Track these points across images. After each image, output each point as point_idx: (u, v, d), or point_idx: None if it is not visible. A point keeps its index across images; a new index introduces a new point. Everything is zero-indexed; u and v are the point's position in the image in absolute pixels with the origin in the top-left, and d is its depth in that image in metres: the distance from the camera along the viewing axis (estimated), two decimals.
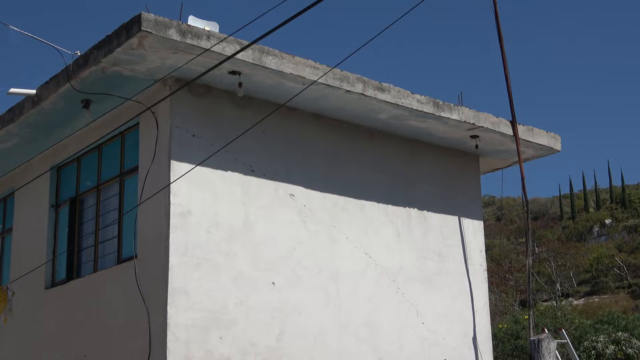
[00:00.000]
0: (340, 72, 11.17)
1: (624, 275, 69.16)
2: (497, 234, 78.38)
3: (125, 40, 9.84)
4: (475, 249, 13.67)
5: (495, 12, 13.13)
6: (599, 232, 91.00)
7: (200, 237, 10.58)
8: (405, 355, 12.14)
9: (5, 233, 14.46)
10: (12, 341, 13.27)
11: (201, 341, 10.29)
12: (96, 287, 11.67)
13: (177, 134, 10.67)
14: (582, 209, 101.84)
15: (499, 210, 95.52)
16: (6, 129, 12.37)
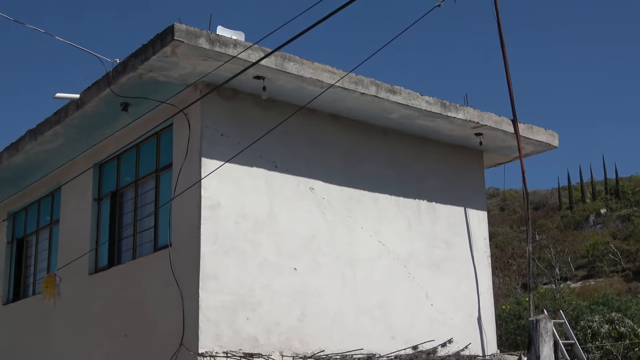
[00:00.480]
0: (355, 76, 11.15)
1: (618, 261, 68.82)
2: (501, 223, 78.07)
3: (159, 49, 9.89)
4: (479, 237, 13.63)
5: (497, 20, 13.06)
6: (594, 221, 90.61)
7: (229, 227, 10.62)
8: (415, 334, 12.12)
9: (53, 224, 14.54)
10: (60, 322, 13.34)
11: (230, 321, 10.33)
12: (135, 273, 11.74)
13: (207, 133, 10.71)
14: (579, 199, 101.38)
15: (502, 201, 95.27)
16: (53, 130, 12.45)
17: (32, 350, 14.16)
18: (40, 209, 15.23)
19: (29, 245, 15.56)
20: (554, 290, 43.75)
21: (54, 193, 14.57)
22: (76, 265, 12.96)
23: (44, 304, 13.57)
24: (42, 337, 13.86)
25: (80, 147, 13.18)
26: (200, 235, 10.34)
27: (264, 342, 10.55)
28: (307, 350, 10.88)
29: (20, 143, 13.42)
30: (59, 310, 13.31)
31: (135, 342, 11.26)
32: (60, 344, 13.24)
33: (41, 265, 14.90)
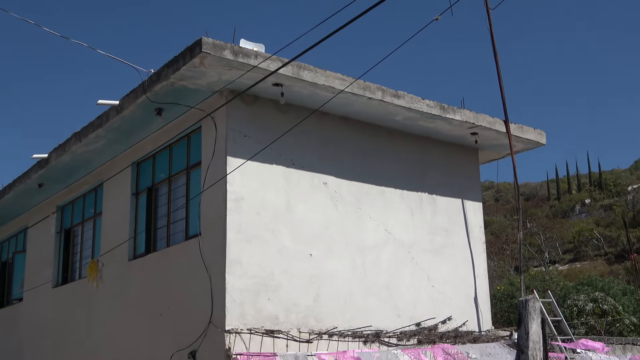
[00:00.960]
0: (363, 82, 11.18)
1: (601, 246, 68.61)
2: (495, 213, 77.87)
3: (189, 60, 9.95)
4: (475, 226, 13.60)
5: (490, 32, 13.03)
6: (580, 210, 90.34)
7: (251, 218, 10.66)
8: (418, 313, 12.14)
9: (96, 216, 14.63)
10: (102, 303, 13.43)
11: (253, 302, 10.39)
12: (169, 259, 11.80)
13: (231, 135, 10.75)
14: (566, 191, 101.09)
15: (496, 192, 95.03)
16: (96, 133, 12.53)
17: (77, 328, 14.27)
18: (85, 202, 15.32)
19: (75, 234, 15.67)
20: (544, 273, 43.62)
21: (97, 188, 14.66)
22: (117, 252, 13.05)
23: (88, 286, 13.65)
24: (86, 316, 13.97)
25: (119, 148, 13.26)
26: (226, 225, 10.40)
27: (284, 320, 10.60)
28: (321, 327, 10.92)
29: (67, 144, 13.53)
30: (101, 292, 13.40)
31: (169, 321, 11.33)
32: (102, 321, 13.34)
33: (86, 252, 14.99)
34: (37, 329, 16.12)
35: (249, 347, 10.14)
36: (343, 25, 7.52)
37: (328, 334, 10.88)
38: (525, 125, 13.60)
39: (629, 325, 26.69)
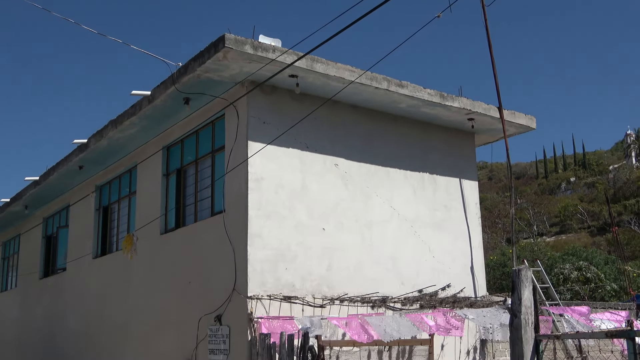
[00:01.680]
0: (371, 73, 11.13)
1: (585, 219, 68.50)
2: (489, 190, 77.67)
3: (213, 54, 9.94)
4: (471, 202, 13.58)
5: (486, 27, 12.92)
6: (565, 187, 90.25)
7: (270, 196, 10.69)
8: (420, 281, 12.17)
9: (131, 195, 14.70)
10: (137, 273, 13.54)
11: (272, 271, 10.44)
12: (196, 233, 11.86)
13: (252, 122, 10.75)
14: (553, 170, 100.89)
15: (490, 172, 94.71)
16: (130, 120, 12.57)
17: (115, 294, 14.41)
18: (120, 182, 15.40)
19: (112, 211, 15.76)
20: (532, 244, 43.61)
21: (131, 170, 14.72)
22: (149, 227, 13.13)
23: (124, 258, 13.76)
24: (122, 284, 14.09)
25: (151, 134, 13.29)
26: (247, 202, 10.43)
27: (300, 287, 10.66)
28: (333, 294, 10.97)
29: (104, 131, 13.57)
30: (136, 263, 13.51)
31: (197, 289, 11.41)
32: (137, 289, 13.46)
33: (122, 227, 15.09)
34: (79, 296, 16.29)
35: (269, 311, 10.22)
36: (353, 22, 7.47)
37: (339, 300, 10.94)
38: (517, 112, 13.52)
39: (609, 291, 26.72)
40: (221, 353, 10.54)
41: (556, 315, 11.38)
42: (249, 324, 10.00)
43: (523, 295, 6.37)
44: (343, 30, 7.06)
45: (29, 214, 20.14)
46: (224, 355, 10.47)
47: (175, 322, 11.87)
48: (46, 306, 18.35)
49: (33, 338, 19.01)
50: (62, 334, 16.92)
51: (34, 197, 18.50)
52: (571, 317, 11.19)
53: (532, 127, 13.83)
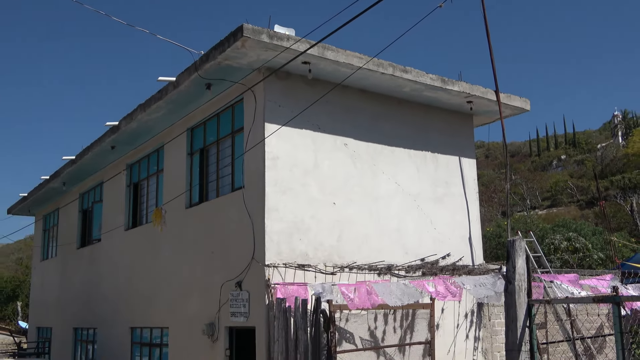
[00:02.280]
0: (377, 60, 11.04)
1: (574, 194, 68.20)
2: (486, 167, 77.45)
3: (232, 43, 9.89)
4: (470, 178, 13.53)
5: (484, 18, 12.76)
6: (556, 164, 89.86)
7: (285, 173, 10.69)
8: (423, 250, 12.18)
9: (159, 172, 14.75)
10: (165, 243, 13.64)
11: (287, 242, 10.49)
12: (218, 207, 11.91)
13: (268, 105, 10.72)
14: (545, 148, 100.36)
15: (487, 150, 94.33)
16: (157, 104, 12.57)
17: (145, 263, 14.54)
18: (149, 161, 15.45)
19: (142, 187, 15.84)
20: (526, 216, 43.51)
21: (159, 150, 14.76)
22: (176, 201, 13.20)
23: (153, 230, 13.86)
24: (151, 253, 14.21)
25: (176, 116, 13.30)
26: (264, 179, 10.45)
27: (312, 256, 10.70)
28: (343, 262, 11.02)
29: (133, 114, 13.59)
30: (164, 234, 13.60)
31: (219, 258, 11.49)
32: (165, 258, 13.56)
33: (151, 202, 15.17)
34: (113, 264, 16.45)
35: (284, 278, 10.28)
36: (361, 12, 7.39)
37: (348, 268, 10.98)
38: (512, 95, 13.40)
39: (596, 260, 26.63)
40: (241, 316, 10.64)
41: (547, 281, 11.36)
42: (266, 290, 10.08)
43: (517, 263, 6.37)
44: (351, 20, 7.00)
45: (67, 190, 20.29)
46: (244, 317, 10.57)
47: (199, 287, 11.98)
48: (83, 273, 18.56)
49: (72, 301, 19.26)
50: (97, 298, 17.13)
51: (71, 175, 18.63)
52: (561, 283, 11.18)
53: (526, 108, 13.72)
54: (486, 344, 12.59)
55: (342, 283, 10.22)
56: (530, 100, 13.80)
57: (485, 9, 12.68)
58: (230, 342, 11.15)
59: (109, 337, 16.07)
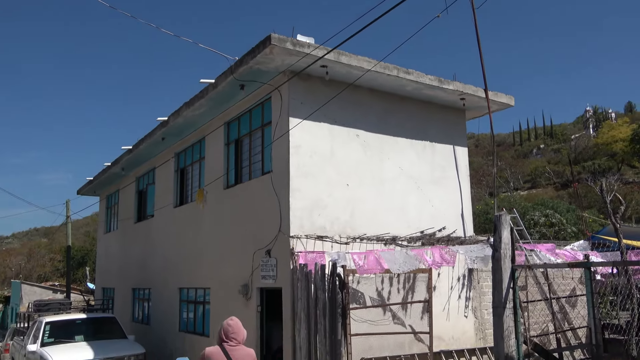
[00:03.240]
0: (384, 63, 10.93)
1: (551, 177, 67.54)
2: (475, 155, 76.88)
3: (262, 50, 9.85)
4: (462, 164, 13.40)
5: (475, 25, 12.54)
6: (536, 152, 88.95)
7: (306, 160, 10.68)
8: (423, 224, 12.12)
9: (201, 159, 14.81)
10: (207, 218, 13.74)
11: (308, 217, 10.50)
12: (251, 188, 11.95)
13: (292, 102, 10.69)
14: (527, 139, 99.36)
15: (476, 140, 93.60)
16: (199, 102, 12.59)
17: (190, 234, 14.66)
18: (193, 150, 15.53)
19: (187, 172, 15.93)
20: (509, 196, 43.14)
21: (201, 140, 14.83)
22: (215, 183, 13.27)
23: (197, 207, 13.97)
24: (195, 227, 14.32)
25: (215, 112, 13.32)
26: (289, 165, 10.45)
27: (329, 229, 10.71)
28: (355, 234, 11.01)
29: (180, 110, 13.64)
30: (206, 211, 13.70)
31: (251, 230, 11.55)
32: (207, 231, 13.67)
33: (194, 184, 15.26)
34: (164, 235, 16.62)
35: (306, 247, 10.31)
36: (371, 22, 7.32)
37: (359, 239, 10.98)
38: (499, 92, 13.20)
39: (570, 233, 26.39)
40: (270, 278, 10.71)
41: (528, 250, 11.28)
42: (291, 257, 10.13)
43: (503, 234, 6.31)
44: (362, 30, 6.93)
45: (125, 174, 20.49)
46: (273, 280, 10.64)
47: (235, 254, 12.07)
48: (139, 243, 18.79)
49: (130, 266, 19.53)
50: (151, 263, 17.34)
51: (129, 162, 18.80)
52: (540, 251, 11.09)
53: (511, 104, 13.52)
54: (475, 303, 12.55)
55: (354, 251, 10.24)
56: (514, 97, 13.61)
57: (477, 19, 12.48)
58: (261, 300, 11.25)
59: (161, 296, 16.29)
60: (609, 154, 68.68)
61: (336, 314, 9.07)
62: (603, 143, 70.39)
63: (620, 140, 66.83)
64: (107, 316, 14.84)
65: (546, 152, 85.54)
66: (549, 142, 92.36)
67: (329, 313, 9.19)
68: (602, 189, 10.75)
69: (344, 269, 9.36)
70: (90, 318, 14.42)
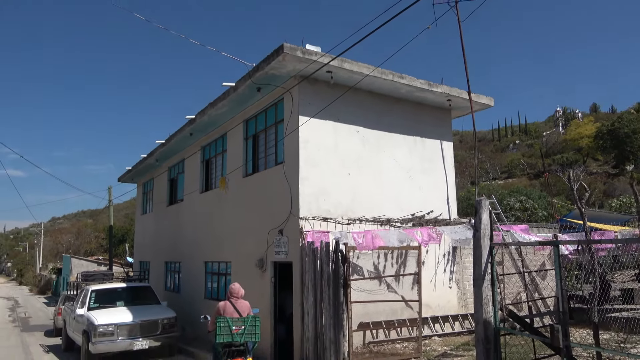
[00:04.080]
0: (381, 69, 10.86)
1: (525, 168, 67.13)
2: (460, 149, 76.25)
3: (276, 58, 9.79)
4: (448, 157, 13.32)
5: (460, 36, 12.42)
6: (512, 147, 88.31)
7: (314, 152, 10.65)
8: (413, 208, 12.08)
9: (224, 152, 14.79)
10: (229, 203, 13.75)
11: (315, 202, 10.49)
12: (266, 177, 11.94)
13: (301, 103, 10.64)
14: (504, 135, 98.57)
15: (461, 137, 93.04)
16: (222, 102, 12.56)
17: (215, 216, 14.69)
18: (216, 144, 15.51)
19: (212, 163, 15.93)
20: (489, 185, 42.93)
21: (223, 136, 14.80)
22: (236, 173, 13.27)
23: (220, 193, 13.99)
24: (219, 210, 14.34)
25: (236, 111, 13.28)
26: (299, 157, 10.42)
27: (333, 212, 10.71)
28: (355, 216, 11.00)
29: (205, 110, 13.61)
30: (228, 196, 13.72)
31: (266, 213, 11.55)
32: (229, 213, 13.67)
33: (218, 172, 15.26)
34: (192, 217, 16.68)
35: (313, 227, 10.32)
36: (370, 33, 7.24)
37: (359, 220, 10.98)
38: (481, 94, 13.09)
39: (541, 217, 26.25)
40: (282, 254, 10.74)
41: (504, 231, 11.24)
42: (300, 235, 10.14)
43: (482, 216, 6.28)
44: (362, 40, 6.86)
45: (159, 164, 20.53)
46: (284, 255, 10.67)
47: (253, 234, 12.10)
48: (171, 223, 18.87)
49: (163, 242, 19.64)
50: (182, 241, 17.43)
51: (162, 154, 18.82)
52: (515, 232, 11.04)
53: (491, 105, 13.40)
54: (458, 276, 12.55)
55: (354, 231, 10.25)
56: (494, 98, 13.49)
57: (462, 30, 12.35)
58: (274, 272, 11.29)
59: (190, 268, 16.39)
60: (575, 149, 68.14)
61: (339, 285, 9.10)
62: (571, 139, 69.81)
63: (586, 136, 66.28)
64: (144, 285, 14.95)
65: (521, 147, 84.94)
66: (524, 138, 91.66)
67: (333, 283, 9.22)
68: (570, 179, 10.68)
69: (345, 246, 9.37)
70: (129, 287, 14.53)
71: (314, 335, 9.51)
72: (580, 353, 8.51)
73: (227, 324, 7.50)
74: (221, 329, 7.46)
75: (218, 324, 7.51)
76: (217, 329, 7.47)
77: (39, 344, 16.34)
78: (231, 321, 7.54)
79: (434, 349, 10.14)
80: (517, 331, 6.37)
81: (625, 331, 9.58)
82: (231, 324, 7.50)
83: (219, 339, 7.47)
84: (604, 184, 51.06)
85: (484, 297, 6.07)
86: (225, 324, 7.49)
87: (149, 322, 12.25)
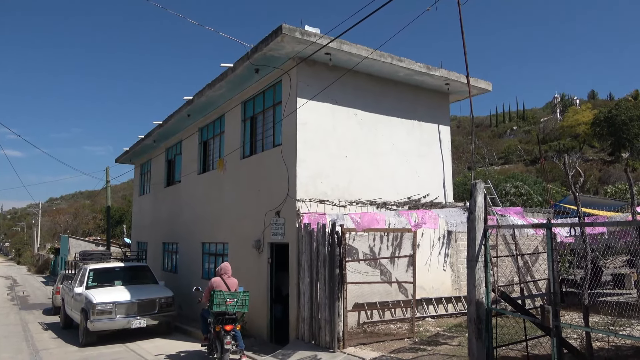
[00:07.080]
0: (379, 52, 10.78)
1: (522, 154, 67.21)
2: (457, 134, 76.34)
3: (274, 39, 9.71)
4: (445, 141, 13.33)
5: (460, 21, 12.31)
6: (509, 133, 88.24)
7: (311, 134, 10.64)
8: (410, 191, 12.14)
9: (222, 133, 14.74)
10: (226, 184, 13.76)
11: (312, 184, 10.52)
12: (264, 159, 11.94)
13: (300, 85, 10.59)
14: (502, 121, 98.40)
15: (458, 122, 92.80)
16: (220, 84, 12.48)
17: (213, 198, 14.72)
18: (214, 125, 15.45)
19: (209, 144, 15.88)
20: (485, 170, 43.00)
21: (221, 117, 14.74)
22: (234, 154, 13.26)
23: (218, 174, 13.98)
24: (217, 191, 14.37)
25: (234, 93, 13.21)
26: (296, 139, 10.42)
27: (330, 194, 10.75)
28: (352, 199, 11.05)
29: (203, 91, 13.53)
30: (225, 178, 13.73)
31: (264, 194, 11.58)
32: (227, 195, 13.70)
33: (216, 154, 15.23)
34: (190, 198, 16.71)
35: (310, 209, 10.38)
36: (369, 15, 7.19)
37: (356, 203, 11.04)
38: (479, 79, 13.04)
39: (536, 202, 26.39)
40: (279, 235, 10.81)
41: (499, 215, 11.33)
42: (297, 217, 10.20)
43: (477, 199, 6.34)
44: (360, 21, 6.81)
45: (156, 145, 20.46)
46: (281, 236, 10.74)
47: (250, 215, 12.16)
48: (168, 204, 18.91)
49: (161, 223, 19.70)
50: (178, 221, 17.48)
51: (159, 135, 18.75)
52: (509, 216, 11.13)
53: (489, 89, 13.36)
54: (452, 259, 12.68)
55: (351, 213, 10.30)
56: (492, 83, 13.46)
57: (461, 14, 12.24)
58: (271, 253, 11.37)
59: (187, 249, 16.49)
60: (572, 135, 68.18)
61: (334, 266, 9.20)
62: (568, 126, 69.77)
63: (583, 123, 66.24)
64: (141, 265, 15.05)
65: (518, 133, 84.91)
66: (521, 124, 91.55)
67: (329, 265, 9.31)
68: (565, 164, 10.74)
69: (341, 228, 9.44)
70: (127, 266, 14.63)
71: (309, 315, 9.63)
72: (570, 334, 8.67)
73: (222, 297, 8.79)
74: (217, 300, 8.75)
75: (215, 296, 8.76)
76: (215, 299, 8.74)
77: (38, 322, 16.50)
78: (226, 294, 8.83)
79: (427, 330, 10.30)
80: (509, 312, 6.48)
81: (614, 314, 9.75)
82: (226, 297, 8.79)
83: (216, 308, 8.77)
84: (600, 171, 51.30)
85: (477, 278, 6.16)
86: (221, 296, 8.79)
87: (146, 300, 12.37)
